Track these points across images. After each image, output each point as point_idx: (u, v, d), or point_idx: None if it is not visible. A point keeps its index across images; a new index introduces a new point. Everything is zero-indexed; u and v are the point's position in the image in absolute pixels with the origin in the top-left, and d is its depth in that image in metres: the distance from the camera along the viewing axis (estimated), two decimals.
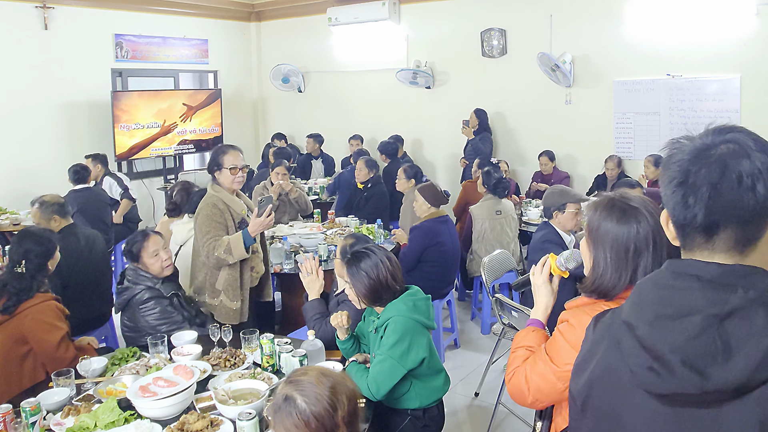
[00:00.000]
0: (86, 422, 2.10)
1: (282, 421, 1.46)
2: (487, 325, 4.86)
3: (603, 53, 6.43)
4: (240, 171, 3.29)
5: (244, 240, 3.17)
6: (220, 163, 3.30)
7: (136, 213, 6.37)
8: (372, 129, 8.03)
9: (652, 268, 1.52)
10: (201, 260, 3.34)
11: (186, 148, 8.00)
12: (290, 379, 1.52)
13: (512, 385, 1.68)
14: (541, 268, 1.78)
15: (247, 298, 3.42)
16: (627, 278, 1.54)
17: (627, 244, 1.54)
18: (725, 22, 5.71)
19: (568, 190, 3.85)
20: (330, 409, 1.45)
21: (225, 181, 3.30)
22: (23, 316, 2.69)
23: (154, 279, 3.02)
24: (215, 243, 3.18)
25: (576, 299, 1.65)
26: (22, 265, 2.76)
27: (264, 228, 3.25)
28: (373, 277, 2.39)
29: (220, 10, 8.64)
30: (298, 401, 1.45)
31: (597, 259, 1.58)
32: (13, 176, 6.47)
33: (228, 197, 3.30)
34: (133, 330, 2.99)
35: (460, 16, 7.30)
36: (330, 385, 1.47)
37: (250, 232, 3.18)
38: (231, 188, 3.33)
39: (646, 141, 6.34)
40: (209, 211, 3.24)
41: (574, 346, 1.54)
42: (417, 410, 2.42)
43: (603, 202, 1.61)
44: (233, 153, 3.31)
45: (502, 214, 4.87)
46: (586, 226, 1.62)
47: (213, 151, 3.46)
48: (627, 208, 1.56)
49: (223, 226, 3.24)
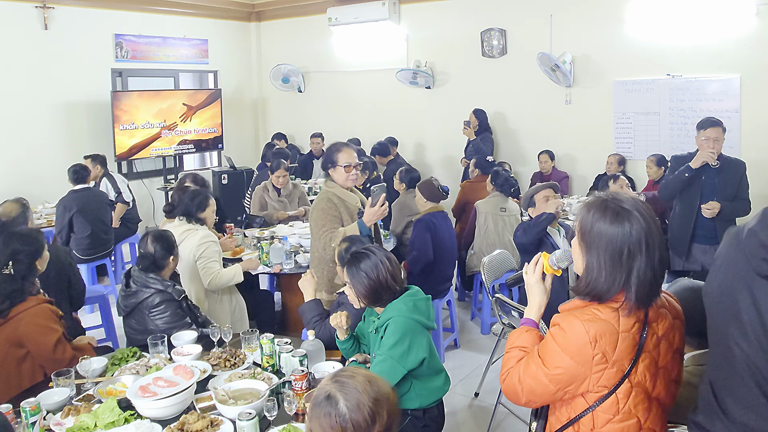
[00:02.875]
0: (86, 422, 2.10)
1: (319, 417, 1.45)
2: (487, 325, 4.86)
3: (603, 53, 6.43)
4: (354, 168, 3.35)
5: (360, 230, 3.21)
6: (334, 161, 3.36)
7: (135, 213, 6.36)
8: (372, 129, 8.03)
9: (645, 271, 1.53)
10: (317, 255, 3.38)
11: (186, 148, 8.00)
12: (337, 378, 1.50)
13: (506, 385, 1.69)
14: (533, 267, 1.78)
15: None
16: (621, 282, 1.54)
17: (621, 247, 1.53)
18: (725, 22, 5.71)
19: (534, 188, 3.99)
20: (369, 420, 1.43)
21: (339, 178, 3.38)
22: (18, 320, 2.65)
23: (165, 282, 3.00)
24: (331, 235, 3.26)
25: (569, 302, 1.65)
26: (10, 266, 2.70)
27: (378, 217, 3.26)
28: (373, 278, 2.39)
29: (220, 10, 8.64)
30: (340, 404, 1.43)
31: (590, 263, 1.58)
32: (12, 176, 6.47)
33: (342, 191, 3.38)
34: (141, 333, 2.95)
35: (460, 16, 7.30)
36: (374, 396, 1.45)
37: (365, 222, 3.22)
38: (345, 185, 3.39)
39: (646, 141, 6.34)
40: (324, 206, 3.33)
41: (564, 349, 1.56)
42: (417, 410, 2.42)
43: (596, 203, 1.60)
44: (347, 151, 3.37)
45: (507, 212, 4.90)
46: (578, 226, 1.62)
47: (328, 148, 3.50)
48: (620, 210, 1.55)
49: (338, 219, 3.31)
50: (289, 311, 4.50)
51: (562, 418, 1.65)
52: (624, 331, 1.55)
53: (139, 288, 2.97)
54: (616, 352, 1.54)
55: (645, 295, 1.54)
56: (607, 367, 1.54)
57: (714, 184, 4.00)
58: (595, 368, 1.54)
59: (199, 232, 3.69)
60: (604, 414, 1.58)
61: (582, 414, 1.60)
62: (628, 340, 1.55)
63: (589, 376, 1.56)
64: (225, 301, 3.74)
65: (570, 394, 1.60)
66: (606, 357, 1.54)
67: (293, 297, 4.48)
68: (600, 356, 1.53)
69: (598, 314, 1.55)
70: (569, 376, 1.56)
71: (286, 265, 4.17)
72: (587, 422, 1.60)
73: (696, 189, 4.05)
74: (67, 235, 5.26)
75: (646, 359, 1.58)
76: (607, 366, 1.54)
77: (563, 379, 1.57)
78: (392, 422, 1.49)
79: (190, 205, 3.76)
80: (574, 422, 1.62)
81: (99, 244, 5.41)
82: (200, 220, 3.77)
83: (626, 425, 1.58)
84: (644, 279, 1.53)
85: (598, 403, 1.58)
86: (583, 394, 1.59)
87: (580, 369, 1.55)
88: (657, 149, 6.05)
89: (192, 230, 3.71)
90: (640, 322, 1.57)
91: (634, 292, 1.53)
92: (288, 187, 5.52)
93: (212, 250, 3.67)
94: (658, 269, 1.55)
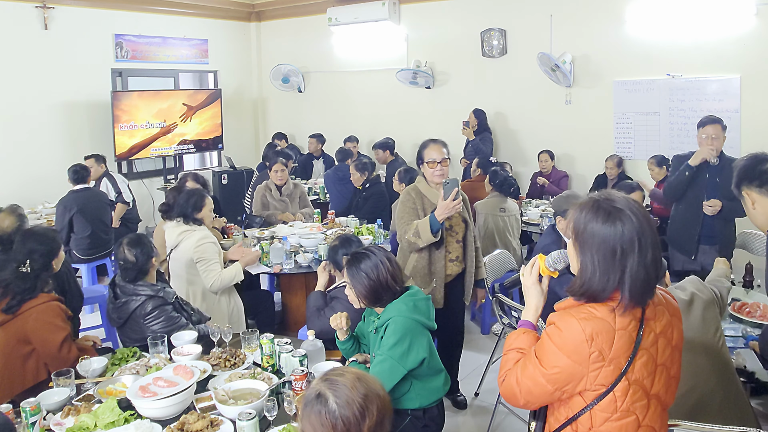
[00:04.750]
0: (86, 422, 2.10)
1: (309, 416, 1.47)
2: (487, 325, 4.86)
3: (603, 53, 6.43)
4: (439, 165, 3.38)
5: (431, 224, 3.23)
6: (421, 157, 3.47)
7: (135, 214, 6.36)
8: (372, 129, 8.03)
9: (638, 270, 1.54)
10: (402, 246, 3.46)
11: (186, 148, 8.00)
12: (327, 376, 1.53)
13: (504, 387, 1.70)
14: (530, 269, 1.78)
15: (441, 287, 3.43)
16: (615, 281, 1.55)
17: (614, 246, 1.54)
18: (725, 22, 5.70)
19: (576, 195, 3.80)
20: (358, 416, 1.45)
21: (426, 174, 3.46)
22: (27, 316, 2.68)
23: (154, 286, 2.95)
24: (406, 227, 3.33)
25: (564, 300, 1.66)
26: (27, 264, 2.75)
27: (450, 212, 3.23)
28: (373, 278, 2.39)
29: (220, 10, 8.64)
30: (330, 401, 1.45)
31: (584, 263, 1.58)
32: (12, 176, 6.47)
33: (425, 187, 3.45)
34: (139, 341, 2.90)
35: (460, 16, 7.30)
36: (364, 393, 1.47)
37: (436, 216, 3.23)
38: (431, 180, 3.43)
39: (646, 141, 6.34)
40: (404, 198, 3.46)
41: (561, 348, 1.56)
42: (417, 410, 2.42)
43: (588, 204, 1.61)
44: (433, 147, 3.43)
45: (506, 212, 4.89)
46: (572, 228, 1.63)
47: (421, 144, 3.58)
48: (612, 210, 1.56)
49: (415, 212, 3.38)
50: (289, 311, 4.50)
51: (561, 418, 1.66)
52: (620, 329, 1.55)
53: (129, 297, 2.91)
54: (612, 350, 1.54)
55: (639, 294, 1.55)
56: (604, 365, 1.55)
57: (716, 183, 4.00)
58: (592, 366, 1.55)
59: (197, 233, 3.66)
60: (602, 412, 1.58)
61: (580, 413, 1.60)
62: (624, 337, 1.55)
63: (587, 375, 1.56)
64: (223, 302, 3.73)
65: (568, 394, 1.61)
66: (603, 355, 1.54)
67: (293, 297, 4.49)
68: (597, 354, 1.54)
69: (594, 312, 1.56)
70: (566, 375, 1.57)
71: (286, 265, 4.17)
72: (585, 421, 1.60)
73: (701, 187, 4.06)
74: (67, 235, 5.27)
75: (643, 356, 1.58)
76: (604, 364, 1.55)
77: (561, 378, 1.57)
78: (383, 418, 1.50)
79: (185, 206, 3.71)
80: (572, 421, 1.62)
81: (99, 244, 5.42)
82: (197, 221, 3.73)
83: (624, 423, 1.58)
84: (636, 278, 1.54)
85: (595, 402, 1.58)
86: (580, 393, 1.60)
87: (577, 368, 1.55)
88: (657, 149, 6.05)
89: (189, 231, 3.68)
90: (636, 320, 1.58)
91: (627, 290, 1.54)
92: (289, 186, 5.52)
93: (212, 251, 3.65)
94: (651, 268, 1.56)
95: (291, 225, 5.05)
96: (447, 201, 3.19)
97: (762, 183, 2.29)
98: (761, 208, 2.30)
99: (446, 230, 3.39)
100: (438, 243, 3.32)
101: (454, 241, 3.46)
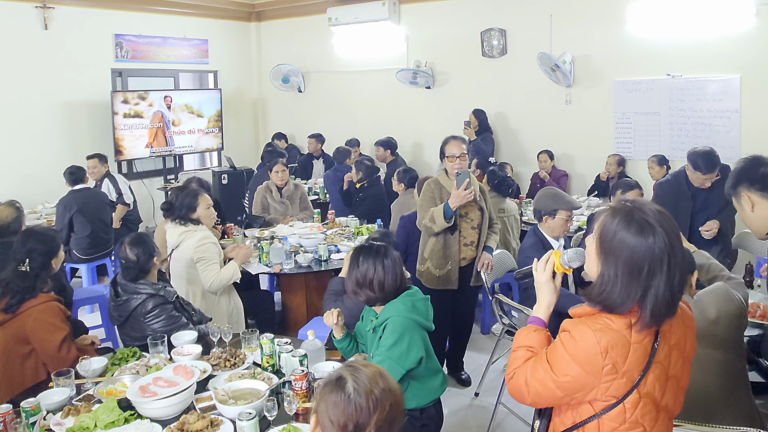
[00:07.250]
0: (86, 422, 2.10)
1: (325, 394, 1.49)
2: (487, 325, 4.86)
3: (603, 53, 6.43)
4: (458, 159, 3.65)
5: (444, 211, 3.55)
6: (443, 152, 3.74)
7: (136, 214, 6.36)
8: (372, 129, 8.02)
9: (664, 291, 1.47)
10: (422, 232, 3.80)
11: (186, 148, 8.00)
12: (351, 364, 1.55)
13: (512, 385, 1.67)
14: (544, 265, 1.72)
15: (456, 269, 3.76)
16: (636, 297, 1.48)
17: (641, 262, 1.48)
18: (725, 22, 5.70)
19: (562, 195, 3.78)
20: (371, 407, 1.45)
21: (447, 167, 3.74)
22: (26, 316, 2.69)
23: (155, 285, 2.96)
24: (424, 213, 3.68)
25: (580, 307, 1.61)
26: (26, 263, 2.76)
27: (462, 200, 3.54)
28: (373, 275, 2.39)
29: (220, 10, 8.64)
30: (348, 384, 1.47)
31: (607, 272, 1.52)
32: (12, 176, 6.47)
33: (444, 179, 3.74)
34: (139, 339, 2.91)
35: (460, 16, 7.30)
36: (382, 387, 1.48)
37: (450, 204, 3.54)
38: (452, 173, 3.66)
39: (646, 141, 6.34)
40: (425, 187, 3.78)
41: (574, 358, 1.52)
42: (414, 410, 2.42)
43: (623, 210, 1.53)
44: (453, 143, 3.72)
45: (505, 212, 4.88)
46: (599, 230, 1.55)
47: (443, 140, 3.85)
48: (645, 224, 1.49)
49: (433, 200, 3.70)
50: (289, 311, 4.50)
51: (567, 422, 1.63)
52: (636, 343, 1.51)
53: (130, 296, 2.91)
54: (626, 363, 1.50)
55: (660, 315, 1.49)
56: (617, 377, 1.51)
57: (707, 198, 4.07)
58: (605, 378, 1.51)
59: (197, 234, 3.66)
60: (610, 422, 1.55)
61: (587, 420, 1.58)
62: (639, 351, 1.51)
63: (598, 386, 1.52)
64: (222, 302, 3.72)
65: (577, 401, 1.58)
66: (616, 368, 1.50)
67: (293, 297, 4.49)
68: (610, 367, 1.50)
69: (610, 324, 1.51)
70: (577, 385, 1.53)
71: (286, 265, 4.17)
72: (592, 428, 1.57)
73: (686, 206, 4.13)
74: (68, 235, 5.26)
75: (656, 370, 1.54)
76: (617, 377, 1.51)
77: (571, 386, 1.54)
78: (394, 418, 1.50)
79: (180, 209, 3.70)
80: (578, 427, 1.60)
81: (99, 243, 5.42)
82: (195, 221, 3.73)
83: None
84: (662, 299, 1.48)
85: (604, 411, 1.55)
86: (590, 402, 1.56)
87: (588, 378, 1.52)
88: (657, 149, 6.05)
89: (190, 231, 3.68)
90: (651, 333, 1.53)
91: (649, 310, 1.48)
92: (289, 187, 5.50)
93: (211, 252, 3.64)
94: (677, 289, 1.50)
95: (291, 225, 5.05)
96: (459, 190, 3.50)
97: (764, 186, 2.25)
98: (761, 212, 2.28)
99: (461, 217, 3.71)
100: (452, 228, 3.65)
101: (469, 227, 3.76)
